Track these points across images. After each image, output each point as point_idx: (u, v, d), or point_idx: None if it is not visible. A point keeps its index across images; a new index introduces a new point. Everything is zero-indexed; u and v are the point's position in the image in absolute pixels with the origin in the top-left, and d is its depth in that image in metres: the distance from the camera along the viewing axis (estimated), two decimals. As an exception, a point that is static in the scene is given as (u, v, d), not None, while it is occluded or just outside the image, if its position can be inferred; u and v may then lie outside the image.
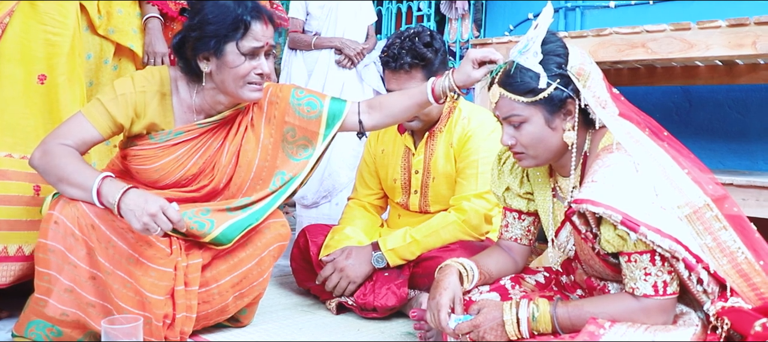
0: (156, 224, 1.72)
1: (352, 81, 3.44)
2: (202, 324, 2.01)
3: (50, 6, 2.13)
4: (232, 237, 1.97)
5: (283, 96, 2.12)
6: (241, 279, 2.02)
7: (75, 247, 1.79)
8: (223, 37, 1.87)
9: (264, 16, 1.93)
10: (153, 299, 1.83)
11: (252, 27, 1.89)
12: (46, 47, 2.12)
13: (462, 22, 4.89)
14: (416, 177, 2.48)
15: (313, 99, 2.13)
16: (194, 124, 2.01)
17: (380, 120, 2.13)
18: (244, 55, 1.90)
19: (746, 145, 3.38)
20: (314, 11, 3.47)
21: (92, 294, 1.82)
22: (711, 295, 1.47)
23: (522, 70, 1.59)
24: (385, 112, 2.12)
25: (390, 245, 2.30)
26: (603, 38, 2.71)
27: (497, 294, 1.77)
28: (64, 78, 2.15)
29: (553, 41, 1.61)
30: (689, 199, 1.47)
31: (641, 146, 1.51)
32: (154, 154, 1.97)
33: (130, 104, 1.92)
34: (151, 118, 1.95)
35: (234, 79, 1.92)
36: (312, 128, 2.10)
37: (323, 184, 3.38)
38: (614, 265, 1.56)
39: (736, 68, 3.05)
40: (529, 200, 1.86)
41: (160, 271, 1.87)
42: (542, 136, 1.60)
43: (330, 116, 2.11)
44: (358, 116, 2.12)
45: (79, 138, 1.87)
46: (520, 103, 1.59)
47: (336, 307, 2.33)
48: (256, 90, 1.96)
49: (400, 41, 2.31)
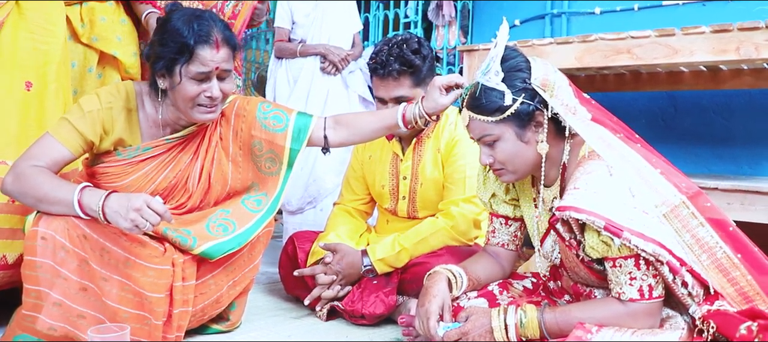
0: (144, 219, 1.70)
1: (337, 88, 3.44)
2: (198, 319, 2.02)
3: (39, 15, 2.13)
4: (216, 256, 1.96)
5: (250, 110, 2.10)
6: (235, 267, 2.05)
7: (66, 261, 1.78)
8: (170, 60, 1.86)
9: (215, 40, 1.88)
10: (154, 298, 1.83)
11: (198, 52, 1.85)
12: (34, 55, 2.12)
13: (449, 29, 4.91)
14: (404, 183, 2.48)
15: (280, 113, 2.11)
16: (162, 139, 2.00)
17: (347, 137, 2.13)
18: (191, 78, 1.87)
19: (731, 150, 3.41)
20: (300, 19, 3.47)
21: (82, 305, 1.81)
22: (696, 298, 1.49)
23: (487, 90, 1.61)
24: (352, 131, 2.12)
25: (379, 254, 2.30)
26: (588, 44, 2.73)
27: (485, 300, 1.78)
28: (54, 86, 2.15)
29: (514, 57, 1.63)
30: (665, 198, 1.50)
31: (614, 150, 1.53)
32: (122, 171, 1.96)
33: (98, 121, 1.90)
34: (119, 134, 1.94)
35: (183, 101, 1.90)
36: (278, 142, 2.08)
37: (308, 190, 3.37)
38: (599, 271, 1.58)
39: (721, 74, 3.08)
40: (516, 206, 1.88)
41: (158, 270, 1.86)
42: (517, 150, 1.62)
43: (296, 130, 2.10)
44: (324, 131, 2.11)
45: (50, 158, 1.85)
46: (489, 122, 1.61)
47: (326, 312, 2.33)
48: (207, 112, 1.94)
49: (388, 48, 2.31)
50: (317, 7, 3.47)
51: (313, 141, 2.12)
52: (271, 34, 5.46)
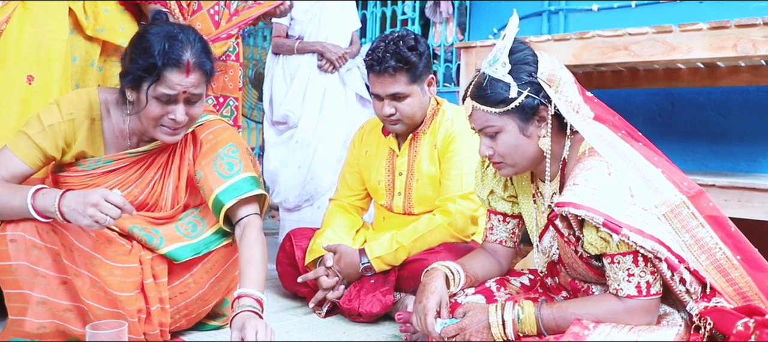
0: (103, 213, 1.65)
1: (334, 85, 3.44)
2: (189, 319, 2.01)
3: (43, 10, 2.14)
4: (182, 258, 1.92)
5: (217, 143, 2.00)
6: (213, 263, 2.00)
7: (41, 258, 1.76)
8: (138, 77, 1.80)
9: (186, 64, 1.81)
10: (122, 297, 1.80)
11: (165, 75, 1.79)
12: (38, 49, 2.14)
13: (446, 26, 4.91)
14: (400, 179, 2.48)
15: (236, 163, 1.97)
16: (125, 152, 1.95)
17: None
18: (156, 98, 1.82)
19: (728, 147, 3.41)
20: (298, 16, 3.47)
21: (66, 299, 1.80)
22: (694, 295, 1.49)
23: (493, 81, 1.60)
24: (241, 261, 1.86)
25: (377, 252, 2.30)
26: (586, 41, 2.73)
27: (482, 296, 1.78)
28: (57, 81, 2.16)
29: (522, 49, 1.62)
30: (666, 198, 1.49)
31: (614, 149, 1.52)
32: (82, 183, 1.93)
33: (58, 134, 1.86)
34: (80, 147, 1.90)
35: (146, 118, 1.85)
36: (211, 186, 1.93)
37: (305, 188, 3.37)
38: (597, 267, 1.58)
39: (718, 71, 3.08)
40: (514, 203, 1.87)
41: (125, 268, 1.83)
42: (518, 144, 1.61)
43: (233, 187, 1.92)
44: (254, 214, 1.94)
45: (8, 173, 1.81)
46: (493, 114, 1.60)
47: (325, 310, 2.34)
48: (170, 134, 1.89)
49: (385, 45, 2.31)
50: (315, 5, 3.46)
51: (233, 212, 1.94)
52: (268, 31, 5.45)
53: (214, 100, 2.78)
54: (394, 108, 2.34)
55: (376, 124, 2.61)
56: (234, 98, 2.85)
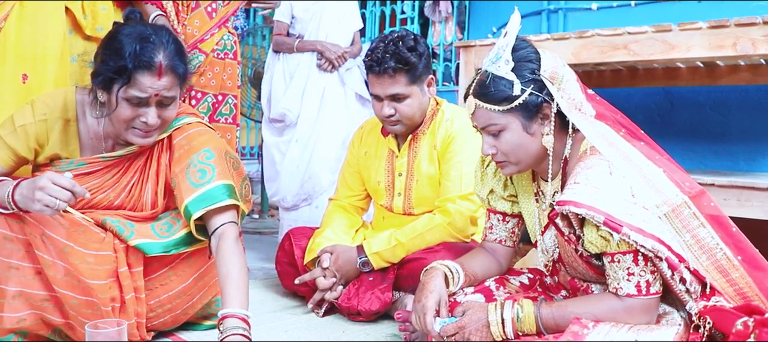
0: (51, 196, 1.60)
1: (333, 85, 3.43)
2: (174, 316, 1.98)
3: (40, 10, 2.14)
4: (151, 252, 1.86)
5: (191, 148, 1.93)
6: (195, 258, 1.96)
7: (13, 251, 1.74)
8: (108, 79, 1.77)
9: (158, 66, 1.77)
10: (95, 285, 1.76)
11: (136, 77, 1.76)
12: (34, 48, 2.14)
13: (446, 25, 4.91)
14: (400, 179, 2.48)
15: (209, 170, 1.88)
16: (99, 157, 1.92)
17: None
18: (127, 100, 1.79)
19: (727, 146, 3.41)
20: (299, 14, 3.46)
21: (42, 289, 1.77)
22: (693, 294, 1.49)
23: (495, 79, 1.59)
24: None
25: (375, 248, 2.30)
26: (585, 40, 2.73)
27: (482, 295, 1.78)
28: (52, 80, 2.16)
29: (525, 47, 1.62)
30: (667, 198, 1.49)
31: (615, 148, 1.52)
32: None
33: (31, 135, 1.84)
34: (53, 149, 1.87)
35: (117, 121, 1.83)
36: (182, 194, 1.86)
37: (304, 187, 3.36)
38: (597, 266, 1.58)
39: (717, 69, 3.08)
40: (514, 203, 1.87)
41: (98, 256, 1.79)
42: (521, 142, 1.61)
43: (204, 195, 1.84)
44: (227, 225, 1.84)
45: None
46: (496, 112, 1.59)
47: (324, 310, 2.34)
48: (142, 136, 1.86)
49: (384, 45, 2.31)
50: (316, 4, 3.46)
51: (207, 221, 1.87)
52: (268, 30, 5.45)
53: (213, 98, 2.78)
54: (393, 109, 2.34)
55: (375, 124, 2.61)
56: (233, 96, 2.86)
